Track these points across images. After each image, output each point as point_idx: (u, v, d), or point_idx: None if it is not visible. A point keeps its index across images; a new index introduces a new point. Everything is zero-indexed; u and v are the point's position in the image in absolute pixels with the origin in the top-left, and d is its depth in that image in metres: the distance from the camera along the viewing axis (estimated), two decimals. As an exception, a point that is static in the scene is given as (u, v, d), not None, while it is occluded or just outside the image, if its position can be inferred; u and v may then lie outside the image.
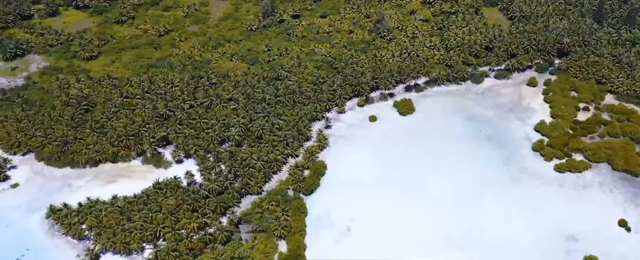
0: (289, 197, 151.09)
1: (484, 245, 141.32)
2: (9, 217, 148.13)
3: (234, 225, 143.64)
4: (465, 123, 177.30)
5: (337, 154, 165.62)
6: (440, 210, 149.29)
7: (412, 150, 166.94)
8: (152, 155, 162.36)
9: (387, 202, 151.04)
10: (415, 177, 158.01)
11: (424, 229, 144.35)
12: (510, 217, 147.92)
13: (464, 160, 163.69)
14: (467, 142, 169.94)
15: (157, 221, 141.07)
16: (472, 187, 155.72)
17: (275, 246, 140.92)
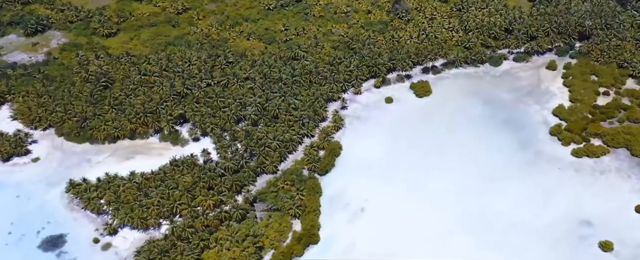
0: (303, 177, 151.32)
1: (497, 228, 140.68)
2: (29, 190, 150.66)
3: (249, 203, 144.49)
4: (482, 106, 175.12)
5: (352, 134, 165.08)
6: (454, 192, 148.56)
7: (427, 132, 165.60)
8: (169, 132, 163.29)
9: (401, 183, 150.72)
10: (431, 158, 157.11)
11: (438, 212, 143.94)
12: (525, 201, 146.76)
13: (479, 143, 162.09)
14: (483, 125, 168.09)
15: (174, 198, 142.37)
16: (487, 170, 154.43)
17: (290, 225, 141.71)
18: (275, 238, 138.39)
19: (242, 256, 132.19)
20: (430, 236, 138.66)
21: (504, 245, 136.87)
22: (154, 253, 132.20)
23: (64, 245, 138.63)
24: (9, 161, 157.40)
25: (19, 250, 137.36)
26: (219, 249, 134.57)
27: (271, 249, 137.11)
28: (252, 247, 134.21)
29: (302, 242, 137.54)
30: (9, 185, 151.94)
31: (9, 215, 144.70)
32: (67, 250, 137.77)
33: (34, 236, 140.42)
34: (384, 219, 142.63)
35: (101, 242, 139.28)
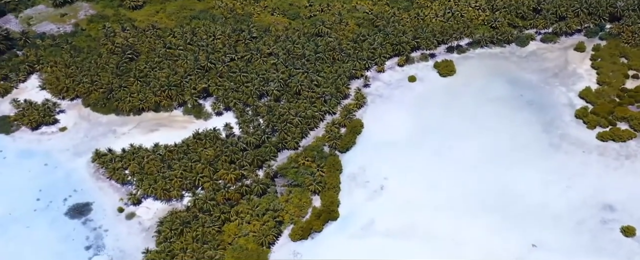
0: (324, 154, 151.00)
1: (517, 210, 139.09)
2: (57, 159, 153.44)
3: (269, 178, 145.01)
4: (507, 87, 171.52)
5: (374, 113, 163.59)
6: (474, 173, 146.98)
7: (450, 112, 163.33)
8: (192, 106, 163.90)
9: (421, 163, 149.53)
10: (452, 139, 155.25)
11: (457, 191, 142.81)
12: (547, 183, 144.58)
13: (502, 124, 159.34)
14: (507, 106, 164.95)
15: (196, 170, 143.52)
16: (509, 151, 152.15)
17: (309, 201, 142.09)
18: (294, 213, 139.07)
19: (262, 230, 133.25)
20: (449, 216, 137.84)
21: (523, 228, 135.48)
22: (176, 224, 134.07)
23: (90, 213, 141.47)
24: (38, 130, 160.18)
25: (47, 217, 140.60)
26: (240, 222, 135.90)
27: (291, 224, 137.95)
28: (272, 222, 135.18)
29: (321, 218, 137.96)
30: (38, 153, 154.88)
31: (37, 182, 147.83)
32: (92, 218, 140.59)
33: (61, 203, 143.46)
34: (403, 198, 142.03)
35: (125, 211, 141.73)
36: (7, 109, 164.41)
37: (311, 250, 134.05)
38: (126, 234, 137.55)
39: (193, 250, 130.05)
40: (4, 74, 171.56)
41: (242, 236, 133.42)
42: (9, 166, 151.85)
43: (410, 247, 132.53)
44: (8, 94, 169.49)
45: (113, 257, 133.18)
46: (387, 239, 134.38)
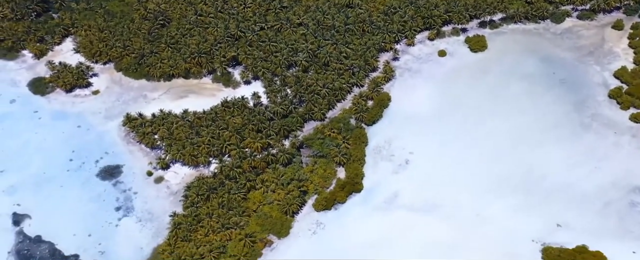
0: (350, 126, 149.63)
1: (543, 189, 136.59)
2: (89, 121, 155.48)
3: (295, 148, 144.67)
4: (539, 64, 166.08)
5: (402, 86, 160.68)
6: (501, 150, 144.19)
7: (479, 88, 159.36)
8: (221, 74, 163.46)
9: (448, 138, 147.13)
10: (480, 115, 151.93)
11: (482, 168, 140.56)
12: (575, 164, 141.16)
13: (532, 102, 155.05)
14: (538, 84, 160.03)
15: (224, 138, 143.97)
16: (537, 130, 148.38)
17: (334, 172, 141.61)
18: (319, 184, 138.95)
19: (287, 199, 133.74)
20: (473, 193, 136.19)
21: (548, 207, 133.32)
22: (203, 189, 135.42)
23: (120, 176, 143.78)
24: (72, 92, 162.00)
25: (79, 177, 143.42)
26: (265, 190, 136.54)
27: (315, 194, 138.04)
28: (297, 191, 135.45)
29: (345, 189, 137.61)
30: (71, 115, 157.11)
31: (70, 144, 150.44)
32: (122, 180, 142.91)
33: (93, 165, 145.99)
34: (428, 173, 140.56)
35: (154, 175, 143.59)
36: (43, 71, 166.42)
37: (334, 220, 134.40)
38: (154, 197, 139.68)
39: (219, 216, 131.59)
40: (40, 36, 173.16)
41: (266, 204, 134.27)
42: (44, 127, 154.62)
43: (432, 222, 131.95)
44: (44, 56, 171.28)
45: (141, 218, 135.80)
46: (410, 213, 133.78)
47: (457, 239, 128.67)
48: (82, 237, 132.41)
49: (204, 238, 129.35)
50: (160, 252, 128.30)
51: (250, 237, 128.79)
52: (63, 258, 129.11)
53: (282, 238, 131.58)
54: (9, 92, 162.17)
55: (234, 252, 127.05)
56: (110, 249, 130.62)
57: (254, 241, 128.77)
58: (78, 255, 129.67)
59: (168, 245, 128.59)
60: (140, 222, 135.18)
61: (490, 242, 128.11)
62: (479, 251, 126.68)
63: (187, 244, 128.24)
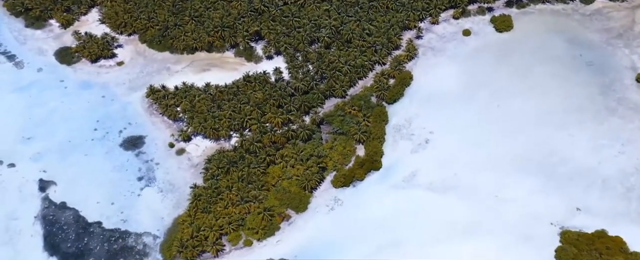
0: (371, 104, 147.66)
1: (563, 173, 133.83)
2: (114, 92, 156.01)
3: (315, 124, 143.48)
4: (566, 45, 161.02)
5: (424, 65, 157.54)
6: (522, 132, 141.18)
7: (502, 68, 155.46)
8: (244, 48, 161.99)
9: (469, 119, 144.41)
10: (503, 96, 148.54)
11: (502, 150, 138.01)
12: (598, 148, 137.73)
13: (556, 84, 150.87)
14: (563, 66, 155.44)
15: (245, 112, 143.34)
16: (561, 112, 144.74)
17: (353, 149, 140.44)
18: (338, 160, 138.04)
19: (305, 174, 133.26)
20: (493, 174, 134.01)
21: (569, 191, 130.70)
22: (223, 162, 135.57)
23: (143, 146, 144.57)
24: (97, 62, 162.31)
25: (103, 147, 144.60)
26: (284, 165, 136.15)
27: (333, 171, 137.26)
28: (315, 167, 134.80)
29: (364, 167, 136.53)
30: (96, 85, 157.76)
31: (95, 113, 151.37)
32: (145, 151, 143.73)
33: (117, 135, 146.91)
34: (448, 153, 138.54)
35: (176, 147, 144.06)
36: (69, 41, 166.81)
37: (352, 197, 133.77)
38: (176, 168, 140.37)
39: (238, 189, 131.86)
40: (66, 6, 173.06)
41: (285, 179, 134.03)
42: (70, 96, 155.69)
43: (450, 202, 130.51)
44: (70, 25, 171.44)
45: (163, 189, 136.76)
46: (428, 192, 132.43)
47: (474, 220, 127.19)
48: (105, 205, 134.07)
49: (224, 210, 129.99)
50: (180, 222, 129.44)
51: (268, 211, 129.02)
52: (87, 224, 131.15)
53: (300, 213, 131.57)
54: (36, 61, 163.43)
55: (252, 225, 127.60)
56: (132, 218, 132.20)
57: (272, 215, 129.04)
58: (101, 223, 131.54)
59: (188, 216, 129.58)
60: (162, 193, 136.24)
61: (507, 223, 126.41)
62: (496, 232, 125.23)
63: (206, 216, 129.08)
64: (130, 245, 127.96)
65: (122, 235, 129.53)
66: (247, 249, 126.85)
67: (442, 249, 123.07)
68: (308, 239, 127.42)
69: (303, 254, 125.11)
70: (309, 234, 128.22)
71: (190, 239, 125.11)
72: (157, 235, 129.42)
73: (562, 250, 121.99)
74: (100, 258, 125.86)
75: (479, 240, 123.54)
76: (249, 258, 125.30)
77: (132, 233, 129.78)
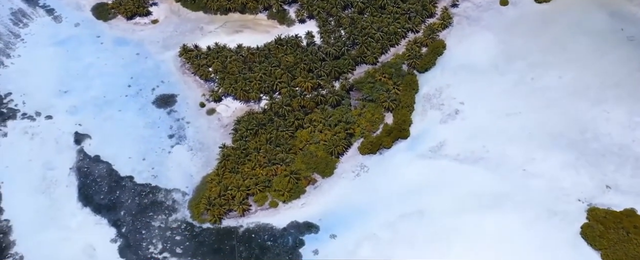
0: (402, 72, 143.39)
1: (595, 149, 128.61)
2: (148, 50, 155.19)
3: (345, 90, 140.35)
4: (607, 19, 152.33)
5: (459, 34, 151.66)
6: (556, 106, 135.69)
7: (539, 40, 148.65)
8: (277, 11, 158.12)
9: (501, 91, 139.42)
10: (537, 69, 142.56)
11: (534, 123, 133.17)
12: (634, 126, 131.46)
13: (595, 58, 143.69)
14: (603, 40, 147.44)
15: (275, 75, 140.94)
16: (597, 88, 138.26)
17: (382, 117, 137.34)
18: (366, 127, 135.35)
19: (333, 140, 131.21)
20: (522, 147, 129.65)
21: (600, 168, 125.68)
22: (252, 124, 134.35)
23: (174, 105, 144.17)
24: (132, 20, 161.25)
25: (136, 103, 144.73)
26: (312, 129, 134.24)
27: (361, 138, 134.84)
28: (343, 133, 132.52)
29: (391, 135, 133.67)
30: (131, 42, 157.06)
31: (129, 70, 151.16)
32: (176, 109, 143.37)
33: (149, 92, 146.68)
34: (477, 124, 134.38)
35: (206, 107, 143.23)
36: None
37: (378, 164, 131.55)
38: (206, 128, 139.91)
39: (266, 151, 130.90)
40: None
41: (313, 143, 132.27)
42: (105, 52, 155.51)
43: (477, 173, 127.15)
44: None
45: (193, 147, 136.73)
46: (455, 163, 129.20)
47: (500, 192, 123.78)
48: (137, 160, 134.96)
49: (251, 171, 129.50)
50: (209, 180, 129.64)
51: (295, 174, 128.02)
52: (119, 178, 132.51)
53: (325, 177, 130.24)
54: (74, 16, 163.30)
55: (278, 187, 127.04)
56: (162, 174, 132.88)
57: (298, 178, 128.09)
58: (133, 177, 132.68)
59: (216, 175, 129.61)
60: (191, 151, 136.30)
61: (534, 198, 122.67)
62: (521, 206, 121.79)
63: (234, 176, 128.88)
64: (160, 201, 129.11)
65: (153, 190, 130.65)
66: (273, 210, 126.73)
67: (466, 219, 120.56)
68: (332, 203, 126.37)
69: (327, 218, 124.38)
70: (334, 198, 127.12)
71: (218, 197, 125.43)
72: (186, 192, 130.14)
73: (588, 227, 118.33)
74: (131, 211, 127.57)
75: (504, 213, 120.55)
76: (274, 219, 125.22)
77: (162, 189, 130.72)
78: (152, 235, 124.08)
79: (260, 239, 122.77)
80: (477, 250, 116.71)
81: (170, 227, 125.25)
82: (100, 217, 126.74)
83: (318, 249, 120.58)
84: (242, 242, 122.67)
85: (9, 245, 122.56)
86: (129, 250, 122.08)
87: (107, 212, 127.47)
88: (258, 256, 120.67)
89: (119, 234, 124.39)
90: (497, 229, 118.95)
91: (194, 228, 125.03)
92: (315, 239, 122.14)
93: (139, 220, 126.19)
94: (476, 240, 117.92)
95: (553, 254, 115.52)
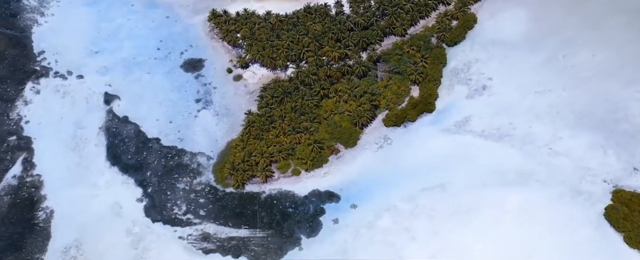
0: (431, 45, 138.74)
1: (625, 130, 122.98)
2: (177, 13, 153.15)
3: (372, 61, 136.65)
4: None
5: (490, 8, 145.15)
6: (587, 85, 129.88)
7: (573, 17, 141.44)
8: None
9: (531, 67, 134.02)
10: (570, 46, 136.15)
11: (563, 102, 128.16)
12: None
13: (630, 37, 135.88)
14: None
15: (303, 44, 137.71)
16: (631, 68, 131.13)
17: (408, 90, 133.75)
18: (391, 100, 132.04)
19: (358, 111, 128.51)
20: (549, 126, 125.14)
21: (628, 149, 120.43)
22: (278, 92, 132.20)
23: (202, 70, 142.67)
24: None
25: (165, 66, 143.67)
26: (337, 99, 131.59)
27: (385, 110, 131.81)
28: (368, 104, 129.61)
29: (416, 108, 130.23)
30: (161, 5, 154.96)
31: (158, 33, 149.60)
32: (204, 74, 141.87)
33: (178, 56, 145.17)
34: (505, 101, 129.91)
35: (233, 73, 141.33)
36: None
37: (402, 137, 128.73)
38: (232, 94, 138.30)
39: (290, 119, 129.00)
40: None
41: (337, 113, 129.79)
42: (136, 14, 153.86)
43: (502, 150, 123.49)
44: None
45: (218, 112, 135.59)
46: (480, 139, 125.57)
47: (524, 170, 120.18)
48: (164, 123, 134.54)
49: (275, 139, 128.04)
50: (233, 146, 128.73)
51: (318, 143, 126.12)
52: (146, 140, 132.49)
53: (348, 148, 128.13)
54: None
55: (301, 155, 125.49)
56: (188, 137, 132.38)
57: (321, 147, 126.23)
58: (159, 139, 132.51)
59: (241, 141, 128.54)
60: (217, 116, 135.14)
61: (558, 177, 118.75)
62: (545, 184, 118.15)
63: (258, 142, 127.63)
64: (185, 163, 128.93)
65: (178, 153, 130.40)
66: (295, 178, 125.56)
67: (487, 195, 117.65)
68: (354, 173, 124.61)
69: (348, 188, 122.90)
70: (356, 169, 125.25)
71: (242, 162, 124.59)
72: (210, 156, 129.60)
73: (612, 209, 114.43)
74: (157, 172, 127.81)
75: (527, 191, 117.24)
76: (296, 186, 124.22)
77: (188, 152, 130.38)
78: (177, 197, 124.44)
79: (282, 206, 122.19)
80: (497, 226, 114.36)
81: (195, 190, 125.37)
82: (127, 177, 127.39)
83: (338, 218, 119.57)
84: (263, 207, 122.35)
85: (41, 199, 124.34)
86: (154, 210, 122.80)
87: (134, 172, 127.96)
88: (279, 222, 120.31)
89: (144, 194, 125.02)
90: (518, 206, 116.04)
91: (218, 192, 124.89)
92: (335, 208, 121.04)
93: (165, 182, 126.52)
94: (497, 217, 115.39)
95: (575, 233, 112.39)
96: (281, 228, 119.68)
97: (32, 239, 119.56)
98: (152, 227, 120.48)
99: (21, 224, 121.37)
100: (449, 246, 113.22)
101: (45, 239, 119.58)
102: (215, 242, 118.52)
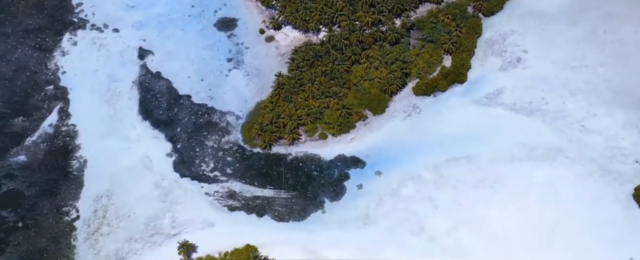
0: (467, 14, 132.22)
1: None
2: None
3: (405, 28, 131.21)
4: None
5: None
6: (626, 62, 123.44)
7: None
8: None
9: (569, 41, 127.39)
10: (611, 21, 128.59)
11: (600, 78, 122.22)
12: None
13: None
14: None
15: (336, 7, 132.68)
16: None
17: (440, 59, 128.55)
18: (423, 68, 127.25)
19: (388, 78, 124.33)
20: (583, 102, 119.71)
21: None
22: (309, 55, 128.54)
23: (235, 29, 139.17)
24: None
25: (198, 24, 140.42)
26: (368, 65, 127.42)
27: (416, 78, 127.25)
28: (399, 72, 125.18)
29: (448, 78, 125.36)
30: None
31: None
32: (236, 34, 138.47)
33: (212, 14, 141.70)
34: (539, 75, 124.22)
35: (265, 34, 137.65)
36: None
37: (431, 107, 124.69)
38: (264, 55, 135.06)
39: (320, 83, 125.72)
40: None
41: (367, 80, 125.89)
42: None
43: (532, 125, 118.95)
44: None
45: (249, 73, 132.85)
46: (510, 112, 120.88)
47: (554, 146, 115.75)
48: (195, 81, 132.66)
49: (304, 102, 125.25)
50: (262, 107, 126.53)
51: (346, 108, 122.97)
52: (177, 96, 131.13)
53: (377, 115, 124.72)
54: None
55: (329, 120, 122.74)
56: (218, 96, 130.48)
57: (349, 113, 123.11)
58: (190, 96, 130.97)
59: (270, 102, 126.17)
60: (248, 76, 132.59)
61: (589, 155, 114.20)
62: (574, 161, 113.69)
63: (287, 104, 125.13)
64: (214, 122, 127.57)
65: (208, 111, 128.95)
66: (321, 142, 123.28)
67: (514, 169, 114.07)
68: (381, 141, 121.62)
69: (374, 155, 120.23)
70: (383, 136, 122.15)
71: (270, 124, 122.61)
72: (239, 115, 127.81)
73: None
74: (186, 129, 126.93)
75: (555, 167, 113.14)
76: (322, 150, 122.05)
77: (218, 110, 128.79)
78: (205, 154, 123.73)
79: (307, 169, 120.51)
80: (522, 200, 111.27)
81: (223, 148, 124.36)
82: (158, 132, 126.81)
83: (362, 184, 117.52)
84: (289, 169, 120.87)
85: (75, 148, 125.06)
86: (183, 166, 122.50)
87: (165, 128, 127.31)
88: (303, 184, 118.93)
89: (174, 149, 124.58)
90: (545, 182, 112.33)
91: (245, 151, 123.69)
92: (360, 174, 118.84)
93: (194, 138, 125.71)
94: (522, 191, 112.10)
95: (601, 212, 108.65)
96: (305, 190, 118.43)
97: (66, 186, 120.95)
98: (180, 182, 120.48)
99: (56, 171, 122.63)
100: (472, 217, 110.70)
101: (78, 186, 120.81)
102: (240, 200, 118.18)
